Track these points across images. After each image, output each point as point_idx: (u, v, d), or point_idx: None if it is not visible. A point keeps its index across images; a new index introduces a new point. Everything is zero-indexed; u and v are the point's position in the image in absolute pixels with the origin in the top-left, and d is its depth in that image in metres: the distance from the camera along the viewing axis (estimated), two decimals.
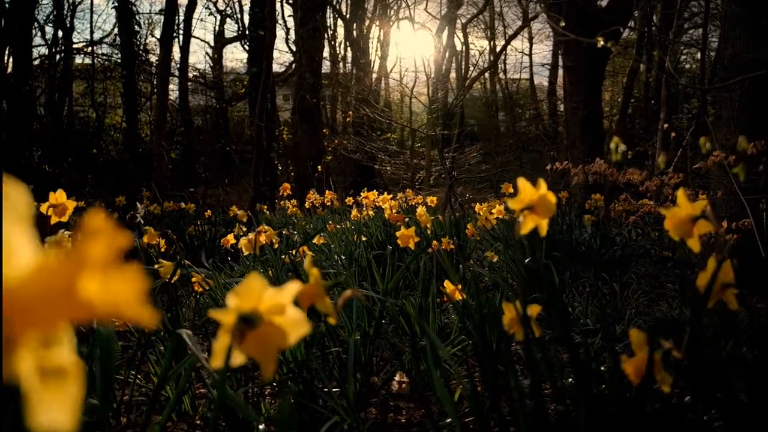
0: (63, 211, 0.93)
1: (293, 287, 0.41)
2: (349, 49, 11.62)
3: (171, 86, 9.18)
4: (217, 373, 0.41)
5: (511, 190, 3.10)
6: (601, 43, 2.63)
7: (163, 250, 1.28)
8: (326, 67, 10.80)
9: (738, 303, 0.73)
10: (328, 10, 10.05)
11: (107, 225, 0.21)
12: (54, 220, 0.93)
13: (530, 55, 16.14)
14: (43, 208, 0.93)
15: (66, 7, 9.79)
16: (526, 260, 2.06)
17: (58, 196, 0.93)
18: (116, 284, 0.20)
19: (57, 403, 0.19)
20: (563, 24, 4.33)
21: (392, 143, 10.42)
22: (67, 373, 0.20)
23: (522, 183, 0.72)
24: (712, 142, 2.15)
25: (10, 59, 7.95)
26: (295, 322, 0.41)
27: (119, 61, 9.75)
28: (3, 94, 7.44)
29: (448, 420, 1.02)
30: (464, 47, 13.78)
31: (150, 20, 12.41)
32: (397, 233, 1.62)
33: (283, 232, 1.72)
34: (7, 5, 7.43)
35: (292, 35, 10.65)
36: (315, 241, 2.37)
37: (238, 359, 0.41)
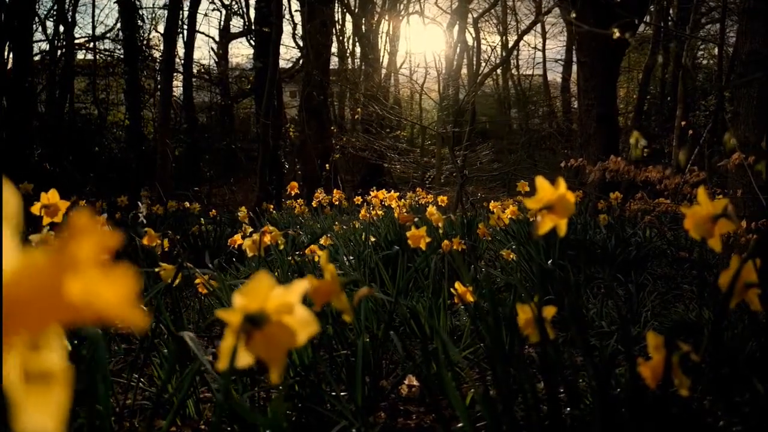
0: (55, 211, 0.91)
1: (301, 285, 0.40)
2: (357, 44, 11.59)
3: (175, 82, 9.08)
4: (221, 376, 0.40)
5: (527, 189, 3.05)
6: (617, 34, 2.58)
7: (166, 249, 1.27)
8: (334, 63, 10.77)
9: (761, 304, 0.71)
10: (336, 5, 10.01)
11: (94, 224, 0.20)
12: (46, 221, 0.91)
13: (543, 50, 15.97)
14: (35, 208, 0.91)
15: (67, 1, 9.76)
16: (541, 261, 2.02)
17: (51, 196, 0.91)
18: (104, 285, 0.20)
19: (43, 407, 0.19)
20: (576, 18, 4.26)
21: (402, 141, 10.37)
22: (54, 377, 0.19)
23: (540, 182, 0.71)
24: (736, 139, 2.10)
25: (10, 55, 7.91)
26: (303, 321, 0.40)
27: (122, 56, 9.67)
28: (3, 91, 7.43)
29: (460, 425, 0.99)
30: (476, 42, 13.67)
31: (153, 15, 12.45)
32: (408, 233, 1.59)
33: (289, 232, 1.70)
34: (6, 0, 7.43)
35: (299, 30, 10.63)
36: (322, 241, 2.36)
37: (244, 360, 0.40)
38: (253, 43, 10.40)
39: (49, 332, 0.19)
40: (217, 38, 13.06)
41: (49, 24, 10.37)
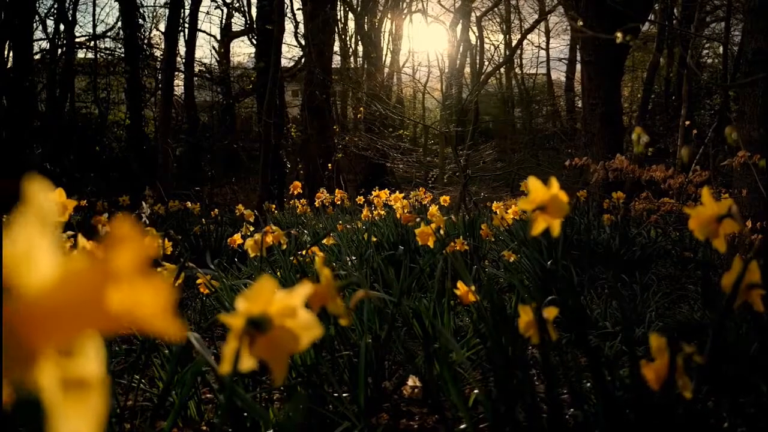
0: (62, 210, 0.91)
1: (304, 289, 0.40)
2: (360, 43, 11.58)
3: (176, 81, 8.96)
4: (226, 377, 0.40)
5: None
6: (620, 39, 2.57)
7: (168, 252, 1.27)
8: (336, 61, 10.74)
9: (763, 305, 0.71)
10: (338, 3, 9.99)
11: (135, 233, 0.20)
12: None
13: (547, 49, 15.95)
14: None
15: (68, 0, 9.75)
16: (543, 261, 2.02)
17: (57, 195, 0.91)
18: (143, 295, 0.20)
19: (79, 415, 0.19)
20: (581, 19, 4.24)
21: (405, 140, 10.34)
22: (90, 384, 0.19)
23: (533, 182, 0.71)
24: (742, 138, 2.08)
25: (10, 54, 7.89)
26: (306, 325, 0.40)
27: (123, 55, 9.59)
28: (3, 90, 7.39)
29: (463, 426, 0.99)
30: (479, 41, 13.65)
31: (154, 13, 12.43)
32: (416, 230, 1.62)
33: (291, 232, 1.70)
34: None
35: (302, 29, 10.60)
36: (324, 241, 2.35)
37: (247, 364, 0.40)
38: (254, 42, 10.38)
39: (85, 339, 0.19)
40: (218, 37, 13.06)
41: (50, 22, 10.37)
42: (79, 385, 0.19)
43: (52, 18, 10.00)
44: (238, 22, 12.70)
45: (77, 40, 10.21)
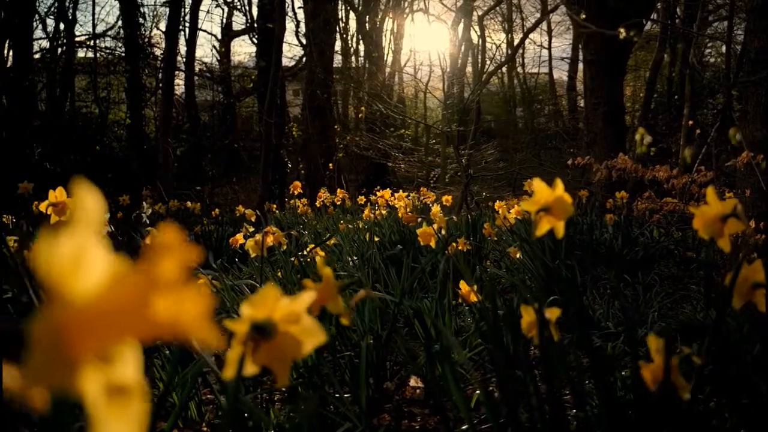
0: (63, 209, 0.91)
1: (308, 295, 0.41)
2: (361, 42, 11.58)
3: (177, 81, 8.91)
4: (229, 384, 0.40)
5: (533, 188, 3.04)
6: (623, 34, 2.56)
7: None
8: (338, 61, 10.72)
9: None
10: (339, 2, 9.98)
11: (179, 240, 0.20)
12: (54, 219, 0.91)
13: (549, 48, 15.93)
14: (43, 206, 0.91)
15: None
16: (546, 261, 2.01)
17: (58, 194, 0.91)
18: (184, 302, 0.20)
19: (121, 421, 0.19)
20: (584, 17, 4.23)
21: (406, 140, 10.31)
22: (131, 391, 0.20)
23: (537, 183, 0.71)
24: (745, 137, 2.08)
25: (10, 53, 7.89)
26: (310, 331, 0.41)
27: (123, 54, 9.56)
28: (3, 90, 7.39)
29: (464, 427, 0.98)
30: (481, 40, 13.65)
31: (155, 12, 12.43)
32: (418, 231, 1.64)
33: (292, 232, 1.70)
34: None
35: (303, 28, 10.60)
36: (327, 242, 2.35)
37: (251, 369, 0.41)
38: (255, 41, 10.38)
39: (126, 346, 0.20)
40: (219, 36, 13.05)
41: (50, 21, 10.37)
42: (121, 392, 0.19)
43: (52, 17, 10.01)
44: (238, 21, 12.73)
45: (77, 39, 10.21)
